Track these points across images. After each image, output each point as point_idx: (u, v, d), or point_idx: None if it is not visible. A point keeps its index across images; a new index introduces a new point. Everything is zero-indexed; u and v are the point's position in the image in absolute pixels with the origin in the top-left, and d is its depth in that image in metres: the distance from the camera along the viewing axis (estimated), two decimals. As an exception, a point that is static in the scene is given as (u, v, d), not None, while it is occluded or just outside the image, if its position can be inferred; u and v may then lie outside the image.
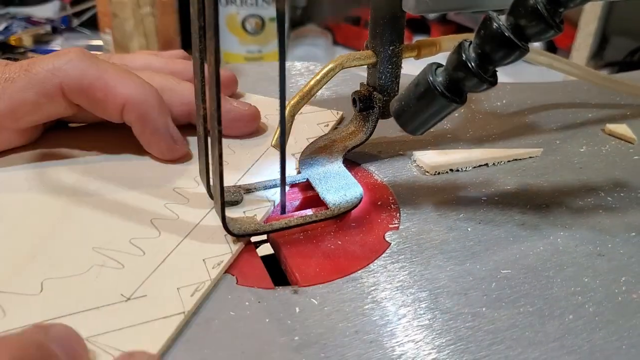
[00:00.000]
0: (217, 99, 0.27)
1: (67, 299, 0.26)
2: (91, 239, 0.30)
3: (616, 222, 0.35)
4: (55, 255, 0.29)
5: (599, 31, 1.33)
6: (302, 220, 0.32)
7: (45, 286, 0.27)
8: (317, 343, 0.26)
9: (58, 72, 0.34)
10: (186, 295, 0.27)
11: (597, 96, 0.51)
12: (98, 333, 0.25)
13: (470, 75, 0.27)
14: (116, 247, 0.30)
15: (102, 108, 0.35)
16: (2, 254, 0.29)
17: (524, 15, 0.25)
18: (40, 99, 0.34)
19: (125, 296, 0.27)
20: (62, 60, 0.34)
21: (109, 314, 0.26)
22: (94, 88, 0.34)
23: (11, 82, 0.34)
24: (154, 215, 0.32)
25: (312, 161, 0.37)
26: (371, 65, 0.37)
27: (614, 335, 0.27)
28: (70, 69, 0.34)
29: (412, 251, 0.32)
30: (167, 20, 1.26)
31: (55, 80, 0.34)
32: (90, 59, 0.35)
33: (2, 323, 0.25)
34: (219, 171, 0.28)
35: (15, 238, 0.30)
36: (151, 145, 0.37)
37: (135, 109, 0.35)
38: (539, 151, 0.41)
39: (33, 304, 0.26)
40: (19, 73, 0.34)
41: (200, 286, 0.28)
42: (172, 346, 0.25)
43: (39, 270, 0.28)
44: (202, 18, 0.27)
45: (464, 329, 0.27)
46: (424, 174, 0.38)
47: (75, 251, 0.29)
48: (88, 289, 0.27)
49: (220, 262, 0.29)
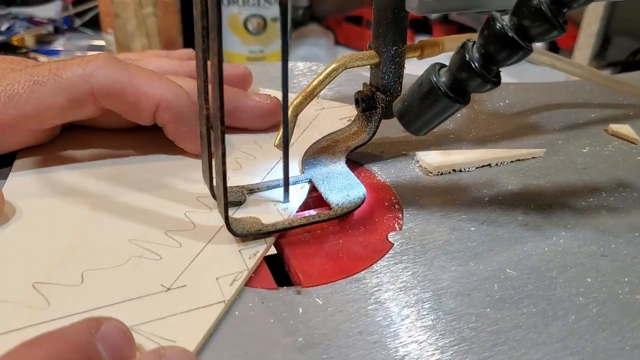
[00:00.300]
0: (219, 99, 0.27)
1: (107, 290, 0.27)
2: (127, 232, 0.31)
3: (619, 223, 0.35)
4: (93, 249, 0.30)
5: (601, 31, 1.32)
6: (305, 220, 0.32)
7: (85, 277, 0.28)
8: (321, 344, 0.26)
9: (89, 77, 0.34)
10: (225, 285, 0.28)
11: (600, 96, 0.51)
12: (141, 322, 0.26)
13: (474, 76, 0.27)
14: (153, 240, 0.31)
15: (134, 111, 0.36)
16: (41, 249, 0.30)
17: (528, 16, 0.25)
18: (69, 104, 0.35)
19: (166, 286, 0.28)
20: (92, 66, 0.35)
21: (151, 304, 0.27)
22: (125, 92, 0.35)
23: (40, 85, 0.34)
24: (187, 208, 0.33)
25: (315, 161, 0.37)
26: (374, 66, 0.37)
27: (617, 336, 0.27)
28: (101, 74, 0.34)
29: (416, 252, 0.32)
30: (169, 21, 1.26)
31: (86, 86, 0.34)
32: (120, 64, 0.35)
33: (47, 312, 0.26)
34: (222, 171, 0.28)
35: (52, 234, 0.31)
36: (185, 143, 0.38)
37: (169, 110, 0.36)
38: (542, 151, 0.41)
39: (75, 295, 0.27)
40: (48, 77, 0.34)
41: (238, 276, 0.29)
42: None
43: (78, 263, 0.29)
44: (205, 18, 0.27)
45: (467, 329, 0.27)
46: (427, 175, 0.38)
47: (112, 244, 0.30)
48: (128, 280, 0.28)
49: (256, 252, 0.30)
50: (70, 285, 0.27)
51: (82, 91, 0.34)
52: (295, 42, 1.52)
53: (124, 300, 0.27)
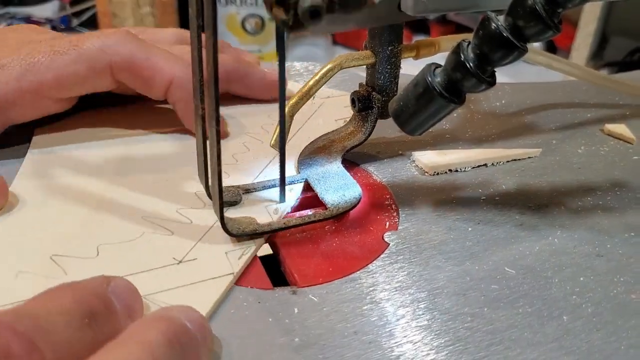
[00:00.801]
0: (215, 98, 0.27)
1: (121, 262, 0.29)
2: (139, 209, 0.33)
3: (615, 223, 0.35)
4: (107, 224, 0.31)
5: (598, 31, 1.33)
6: (300, 220, 0.32)
7: (100, 250, 0.30)
8: (316, 344, 0.26)
9: (108, 49, 0.36)
10: (234, 259, 0.30)
11: (596, 96, 0.51)
12: (154, 292, 0.27)
13: (469, 76, 0.27)
14: (164, 217, 0.32)
15: (147, 86, 0.38)
16: (57, 225, 0.31)
17: (523, 16, 0.25)
18: (88, 73, 0.36)
19: (177, 259, 0.29)
20: (111, 39, 0.37)
21: (163, 275, 0.28)
22: (141, 67, 0.37)
23: (60, 54, 0.36)
24: (197, 188, 0.34)
25: (311, 161, 0.37)
26: (370, 66, 0.37)
27: (612, 336, 0.27)
28: (119, 48, 0.36)
29: (411, 252, 0.32)
30: (166, 20, 1.26)
31: (105, 58, 0.36)
32: (137, 40, 0.37)
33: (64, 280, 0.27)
34: (218, 171, 0.28)
35: (67, 211, 0.32)
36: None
37: (180, 88, 0.37)
38: (538, 151, 0.41)
39: (91, 266, 0.29)
40: (69, 47, 0.36)
41: (246, 250, 0.30)
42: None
43: (93, 238, 0.30)
44: (201, 17, 0.27)
45: (462, 329, 0.27)
46: (423, 175, 0.38)
47: (125, 220, 0.32)
48: (141, 253, 0.30)
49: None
50: (85, 258, 0.29)
51: (101, 63, 0.36)
52: (292, 42, 1.52)
53: (138, 272, 0.28)
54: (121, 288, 0.24)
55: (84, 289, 0.22)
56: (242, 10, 1.34)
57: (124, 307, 0.23)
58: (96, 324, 0.21)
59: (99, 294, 0.23)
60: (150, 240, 0.30)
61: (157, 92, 0.38)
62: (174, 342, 0.21)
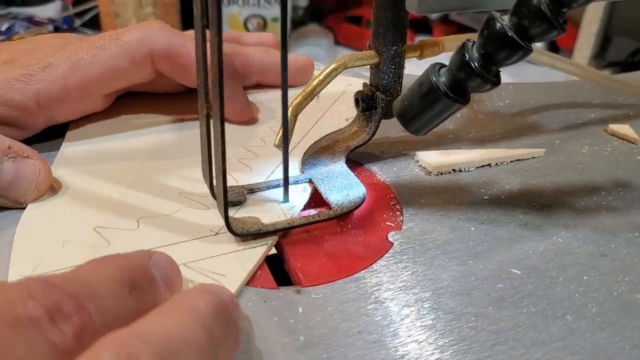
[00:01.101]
0: (219, 98, 0.27)
1: (161, 233, 0.31)
2: (175, 187, 0.35)
3: (619, 222, 0.35)
4: (146, 201, 0.33)
5: (601, 31, 1.33)
6: (305, 220, 0.32)
7: (140, 223, 0.31)
8: (320, 343, 0.26)
9: (147, 40, 0.37)
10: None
11: (600, 96, 0.51)
12: (193, 260, 0.29)
13: (474, 76, 0.27)
14: (200, 193, 0.34)
15: (186, 73, 0.39)
16: (99, 201, 0.33)
17: (527, 16, 0.25)
18: (130, 66, 0.37)
19: (214, 231, 0.31)
20: (149, 30, 0.38)
21: (202, 245, 0.30)
22: (179, 54, 0.38)
23: (103, 49, 0.37)
24: (230, 168, 0.34)
25: (315, 161, 0.37)
26: (374, 66, 0.37)
27: (617, 336, 0.27)
28: (158, 37, 0.37)
29: (415, 251, 0.32)
30: (169, 20, 1.26)
31: (146, 48, 0.37)
32: (172, 29, 0.38)
33: (108, 250, 0.29)
34: (222, 170, 0.28)
35: (107, 189, 0.34)
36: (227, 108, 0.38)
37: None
38: (542, 151, 0.41)
39: (132, 237, 0.30)
40: (110, 42, 0.37)
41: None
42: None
43: (133, 211, 0.32)
44: (205, 18, 0.27)
45: (467, 329, 0.27)
46: (427, 174, 0.38)
47: (163, 196, 0.34)
48: (179, 225, 0.31)
49: (293, 206, 0.34)
50: (127, 230, 0.31)
51: (142, 53, 0.37)
52: (295, 42, 1.52)
53: (177, 242, 0.30)
54: (162, 262, 0.25)
55: (128, 260, 0.23)
56: (245, 11, 1.34)
57: (165, 279, 0.24)
58: (138, 294, 0.22)
59: (142, 265, 0.24)
60: (188, 213, 0.32)
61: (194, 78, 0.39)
62: (219, 313, 0.22)
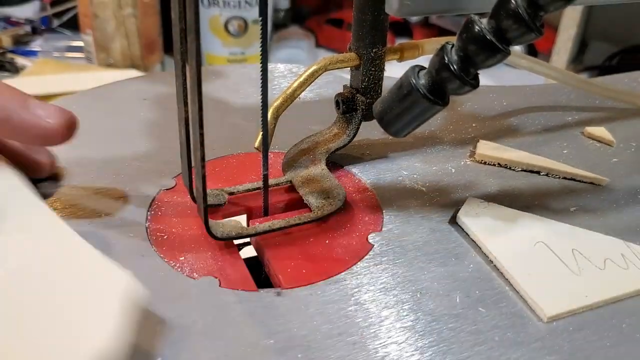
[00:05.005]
0: (198, 102, 0.27)
1: None
2: None
3: (595, 224, 0.35)
4: None
5: (578, 36, 1.34)
6: (285, 223, 0.32)
7: None
8: (301, 345, 0.26)
9: None
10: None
11: (577, 99, 0.51)
12: None
13: (453, 78, 0.27)
14: None
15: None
16: None
17: (505, 19, 0.25)
18: None
19: None
20: None
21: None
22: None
23: None
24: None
25: (295, 163, 0.37)
26: (354, 68, 0.37)
27: (594, 335, 0.27)
28: None
29: (395, 253, 0.32)
30: (148, 22, 1.25)
31: None
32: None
33: None
34: (202, 174, 0.28)
35: None
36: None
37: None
38: (605, 181, 0.39)
39: None
40: None
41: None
42: (154, 350, 0.25)
43: None
44: (184, 20, 0.27)
45: (446, 330, 0.27)
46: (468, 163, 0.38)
47: None
48: None
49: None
50: None
51: None
52: (276, 44, 1.51)
53: None
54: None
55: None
56: (225, 12, 1.33)
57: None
58: None
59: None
60: None
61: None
62: None
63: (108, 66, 1.23)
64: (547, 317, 0.28)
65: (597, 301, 0.29)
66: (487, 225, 0.33)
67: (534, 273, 0.30)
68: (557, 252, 0.32)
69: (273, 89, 0.49)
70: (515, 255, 0.31)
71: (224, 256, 0.31)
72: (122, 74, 1.13)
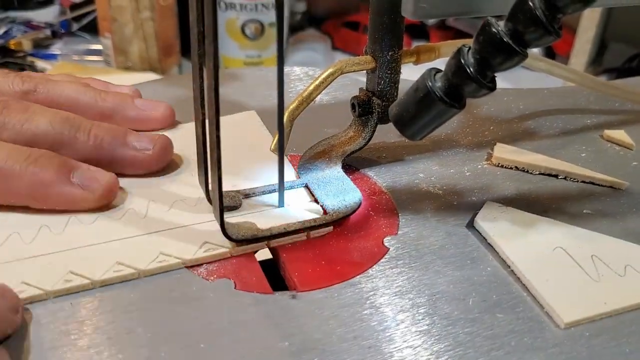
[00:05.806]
0: (215, 104, 0.27)
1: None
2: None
3: (614, 228, 0.35)
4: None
5: (597, 38, 1.33)
6: (300, 225, 0.32)
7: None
8: (315, 348, 0.26)
9: None
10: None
11: (596, 102, 0.51)
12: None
13: (469, 81, 0.27)
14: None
15: None
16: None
17: (523, 21, 0.25)
18: None
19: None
20: None
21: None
22: None
23: None
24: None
25: (311, 166, 0.37)
26: (370, 71, 0.37)
27: (613, 341, 0.27)
28: None
29: (411, 256, 0.32)
30: (166, 25, 1.26)
31: None
32: None
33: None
34: (218, 176, 0.28)
35: None
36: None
37: None
38: (624, 185, 0.39)
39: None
40: None
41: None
42: (169, 351, 0.25)
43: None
44: (202, 23, 0.27)
45: (462, 334, 0.27)
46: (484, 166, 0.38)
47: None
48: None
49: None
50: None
51: None
52: (292, 47, 1.52)
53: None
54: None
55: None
56: (242, 16, 1.34)
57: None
58: None
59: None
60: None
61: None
62: None
63: (126, 69, 1.25)
64: (564, 324, 0.27)
65: (616, 308, 0.28)
66: (505, 229, 0.33)
67: (552, 279, 0.30)
68: (576, 257, 0.31)
69: (289, 92, 0.49)
70: (533, 260, 0.31)
71: (239, 258, 0.31)
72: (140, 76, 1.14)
